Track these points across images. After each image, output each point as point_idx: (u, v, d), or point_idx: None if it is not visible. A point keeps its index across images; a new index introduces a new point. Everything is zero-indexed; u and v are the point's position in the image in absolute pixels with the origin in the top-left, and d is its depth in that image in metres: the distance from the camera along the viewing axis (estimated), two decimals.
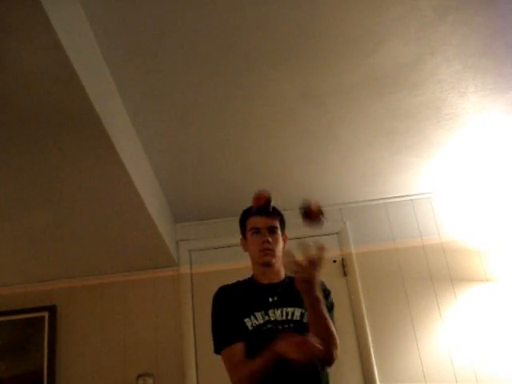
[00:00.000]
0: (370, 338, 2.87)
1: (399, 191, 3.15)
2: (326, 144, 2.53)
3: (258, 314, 1.68)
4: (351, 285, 3.00)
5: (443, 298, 2.94)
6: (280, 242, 1.80)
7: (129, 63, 1.83)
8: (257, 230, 1.78)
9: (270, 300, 1.71)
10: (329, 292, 1.80)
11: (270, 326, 1.64)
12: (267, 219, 1.78)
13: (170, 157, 2.51)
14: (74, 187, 2.07)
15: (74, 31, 1.47)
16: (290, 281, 1.80)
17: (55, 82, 1.46)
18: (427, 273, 3.01)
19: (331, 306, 1.76)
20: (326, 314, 1.59)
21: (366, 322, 2.90)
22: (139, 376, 2.84)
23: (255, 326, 1.66)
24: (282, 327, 1.65)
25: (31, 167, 1.89)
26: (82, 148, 1.81)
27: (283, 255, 1.76)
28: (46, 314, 3.01)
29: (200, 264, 3.13)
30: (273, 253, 1.75)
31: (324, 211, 1.65)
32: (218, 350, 1.69)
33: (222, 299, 1.76)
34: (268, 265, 1.75)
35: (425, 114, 2.35)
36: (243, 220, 1.86)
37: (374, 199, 3.19)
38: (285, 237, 1.86)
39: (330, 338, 1.57)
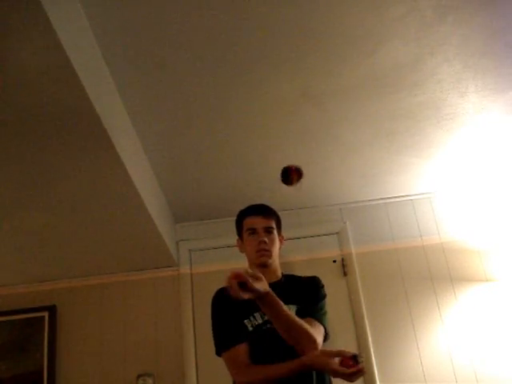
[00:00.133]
0: (370, 338, 2.87)
1: (399, 191, 3.15)
2: (325, 144, 2.53)
3: (257, 315, 1.68)
4: (351, 285, 3.00)
5: (443, 298, 2.94)
6: (276, 242, 1.80)
7: (129, 63, 1.83)
8: (253, 231, 1.78)
9: None
10: (322, 285, 1.81)
11: (270, 326, 1.64)
12: (263, 219, 1.78)
13: (170, 157, 2.51)
14: (74, 187, 2.07)
15: (74, 31, 1.47)
16: (287, 279, 1.81)
17: (55, 82, 1.46)
18: (427, 273, 3.01)
19: (322, 297, 1.77)
20: (285, 310, 1.51)
21: (366, 321, 2.90)
22: (139, 376, 2.84)
23: (255, 327, 1.66)
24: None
25: (31, 167, 1.89)
26: (82, 148, 1.81)
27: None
28: (46, 314, 3.00)
29: (200, 264, 3.13)
30: (269, 253, 1.75)
31: (302, 174, 1.59)
32: (219, 352, 1.69)
33: (221, 302, 1.76)
34: (264, 265, 1.75)
35: (425, 114, 2.35)
36: (239, 221, 1.86)
37: (374, 199, 3.19)
38: (281, 237, 1.86)
39: (296, 333, 1.52)
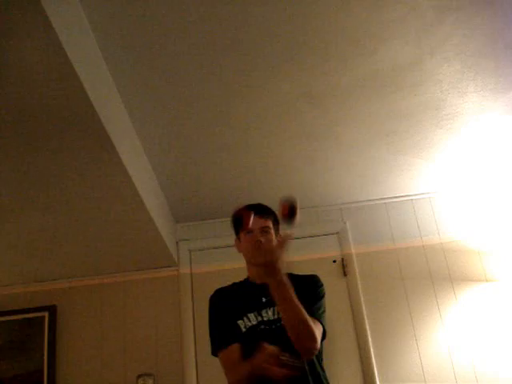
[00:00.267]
0: (369, 338, 2.87)
1: (399, 191, 3.15)
2: (325, 144, 2.53)
3: (251, 315, 1.68)
4: (351, 285, 3.00)
5: (443, 298, 2.94)
6: (273, 242, 1.79)
7: (129, 63, 1.83)
8: (249, 230, 1.78)
9: (264, 300, 1.70)
10: (321, 284, 1.80)
11: (264, 327, 1.65)
12: (260, 219, 1.77)
13: (169, 157, 2.51)
14: (74, 187, 2.07)
15: (74, 31, 1.47)
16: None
17: (55, 82, 1.46)
18: (427, 273, 3.01)
19: (321, 296, 1.75)
20: (297, 301, 1.48)
21: (366, 321, 2.90)
22: (139, 376, 2.84)
23: (248, 328, 1.66)
24: (274, 326, 1.65)
25: (31, 167, 1.89)
26: (82, 148, 1.81)
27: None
28: (46, 314, 3.01)
29: (200, 264, 3.13)
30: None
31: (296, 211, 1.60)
32: (214, 352, 1.70)
33: (217, 302, 1.77)
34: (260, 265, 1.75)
35: (425, 114, 2.35)
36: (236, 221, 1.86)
37: (374, 199, 3.19)
38: (279, 236, 1.85)
39: (301, 326, 1.50)
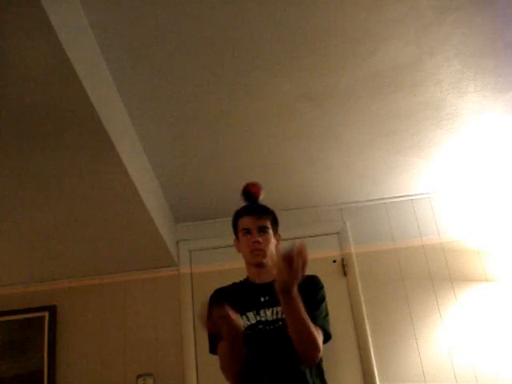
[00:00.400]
0: (369, 338, 2.86)
1: (399, 191, 3.15)
2: (325, 144, 2.53)
3: (251, 314, 1.68)
4: (351, 285, 3.00)
5: (443, 298, 2.94)
6: (271, 242, 1.79)
7: (129, 63, 1.83)
8: (247, 231, 1.78)
9: (262, 300, 1.70)
10: (322, 286, 1.79)
11: (262, 327, 1.65)
12: (257, 219, 1.78)
13: (169, 157, 2.51)
14: (74, 187, 2.07)
15: (74, 31, 1.47)
16: None
17: (55, 81, 1.46)
18: (427, 273, 3.01)
19: (322, 299, 1.75)
20: (304, 313, 1.51)
21: (366, 321, 2.90)
22: (139, 376, 2.84)
23: (246, 327, 1.66)
24: (272, 327, 1.65)
25: (31, 167, 1.89)
26: (82, 148, 1.81)
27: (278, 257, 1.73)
28: (46, 314, 3.00)
29: (200, 264, 3.13)
30: (263, 253, 1.74)
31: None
32: (212, 349, 1.70)
33: (215, 300, 1.77)
34: (259, 265, 1.75)
35: (425, 114, 2.35)
36: (235, 221, 1.86)
37: (374, 199, 3.19)
38: (278, 236, 1.85)
39: (306, 337, 1.53)
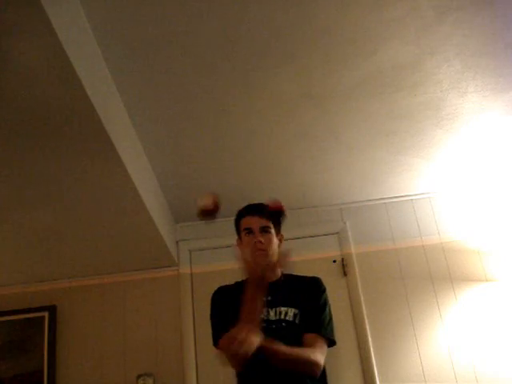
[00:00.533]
0: (369, 338, 2.86)
1: (399, 191, 3.15)
2: (326, 144, 2.53)
3: None
4: (351, 285, 3.00)
5: (443, 298, 2.94)
6: (274, 242, 1.79)
7: (129, 63, 1.83)
8: (249, 231, 1.78)
9: (264, 299, 1.70)
10: (324, 289, 1.79)
11: (264, 326, 1.64)
12: (259, 219, 1.78)
13: (169, 157, 2.51)
14: (74, 187, 2.07)
15: (74, 31, 1.47)
16: (287, 279, 1.80)
17: (55, 82, 1.46)
18: (427, 273, 3.01)
19: (324, 303, 1.75)
20: (282, 351, 1.54)
21: (366, 321, 2.90)
22: (139, 376, 2.84)
23: None
24: (275, 326, 1.65)
25: (31, 167, 1.89)
26: (82, 148, 1.81)
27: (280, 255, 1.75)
28: (46, 314, 3.01)
29: (200, 264, 3.13)
30: (265, 253, 1.74)
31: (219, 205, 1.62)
32: (215, 341, 1.69)
33: (219, 298, 1.77)
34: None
35: (425, 114, 2.35)
36: (237, 220, 1.86)
37: (374, 199, 3.19)
38: (280, 236, 1.85)
39: (301, 363, 1.56)
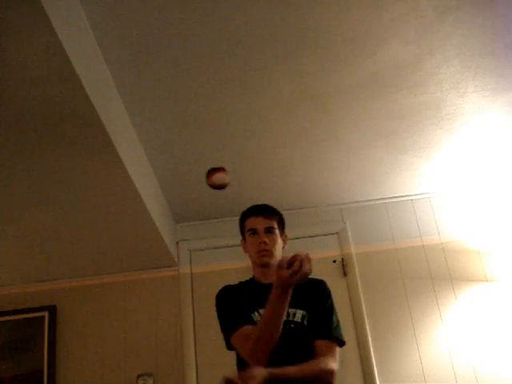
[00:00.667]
0: (369, 338, 2.86)
1: (399, 191, 3.15)
2: (326, 144, 2.53)
3: (262, 311, 1.65)
4: (351, 285, 3.00)
5: (443, 298, 2.94)
6: (278, 242, 1.78)
7: (129, 63, 1.83)
8: (254, 231, 1.77)
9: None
10: (329, 292, 1.78)
11: None
12: (264, 220, 1.78)
13: (169, 157, 2.51)
14: (74, 187, 2.07)
15: (74, 31, 1.47)
16: None
17: (55, 82, 1.46)
18: (427, 273, 3.01)
19: (332, 307, 1.74)
20: (293, 373, 1.48)
21: (366, 321, 2.90)
22: (139, 376, 2.83)
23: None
24: (283, 327, 1.64)
25: (31, 168, 1.89)
26: (82, 148, 1.81)
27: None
28: (46, 314, 3.00)
29: (200, 264, 3.13)
30: (270, 253, 1.74)
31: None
32: (227, 337, 1.67)
33: (227, 294, 1.76)
34: (266, 265, 1.74)
35: (425, 114, 2.35)
36: (242, 221, 1.86)
37: (374, 199, 3.19)
38: (284, 236, 1.85)
39: (309, 379, 1.52)
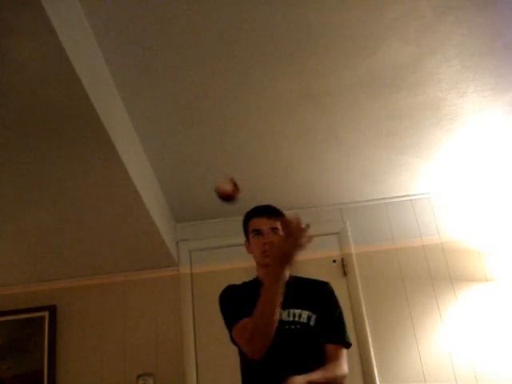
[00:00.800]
0: (369, 338, 2.87)
1: (399, 191, 3.15)
2: (325, 144, 2.53)
3: None
4: (351, 285, 3.00)
5: (443, 298, 2.94)
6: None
7: (129, 63, 1.83)
8: (258, 232, 1.77)
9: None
10: (335, 295, 1.78)
11: (277, 326, 1.63)
12: (268, 220, 1.78)
13: (169, 157, 2.51)
14: (74, 187, 2.07)
15: (74, 31, 1.47)
16: (295, 281, 1.80)
17: (55, 81, 1.46)
18: (427, 273, 3.01)
19: (340, 311, 1.75)
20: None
21: (366, 321, 2.90)
22: (139, 376, 2.83)
23: None
24: (288, 327, 1.64)
25: (31, 167, 1.89)
26: (82, 148, 1.81)
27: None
28: (46, 314, 3.01)
29: (200, 264, 3.13)
30: None
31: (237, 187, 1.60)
32: (230, 331, 1.67)
33: (230, 293, 1.77)
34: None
35: (425, 114, 2.35)
36: (246, 222, 1.86)
37: (374, 199, 3.19)
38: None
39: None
